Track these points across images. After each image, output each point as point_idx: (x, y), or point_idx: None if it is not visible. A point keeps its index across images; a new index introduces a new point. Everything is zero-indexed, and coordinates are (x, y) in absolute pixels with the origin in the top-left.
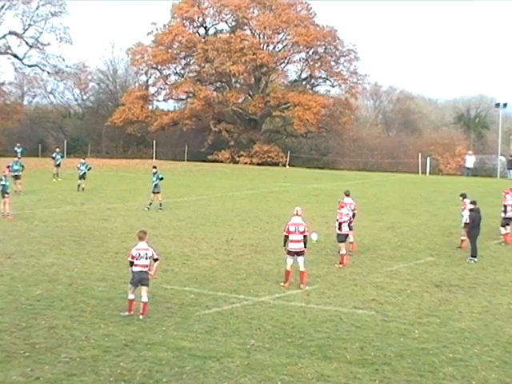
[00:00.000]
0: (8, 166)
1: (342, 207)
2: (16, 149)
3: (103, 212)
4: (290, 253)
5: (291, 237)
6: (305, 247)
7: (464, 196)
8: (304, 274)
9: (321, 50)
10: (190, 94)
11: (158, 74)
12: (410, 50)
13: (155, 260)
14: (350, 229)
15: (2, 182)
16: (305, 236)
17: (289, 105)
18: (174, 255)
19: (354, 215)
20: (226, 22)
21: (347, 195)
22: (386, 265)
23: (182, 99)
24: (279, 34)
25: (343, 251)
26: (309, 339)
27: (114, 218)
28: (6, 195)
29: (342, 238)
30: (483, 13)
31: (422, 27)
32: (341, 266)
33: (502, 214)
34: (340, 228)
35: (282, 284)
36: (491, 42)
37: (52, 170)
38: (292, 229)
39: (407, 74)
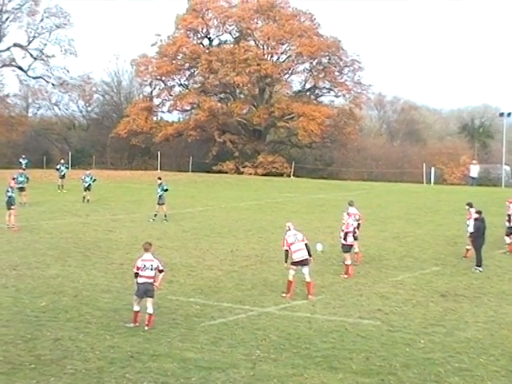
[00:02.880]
0: (13, 178)
1: (350, 216)
2: (21, 160)
3: (108, 223)
4: (295, 263)
5: (293, 247)
6: (309, 255)
7: (470, 205)
8: (311, 284)
9: (325, 60)
10: (195, 105)
11: (163, 85)
12: (414, 59)
13: (160, 271)
14: (355, 239)
15: (9, 194)
16: (306, 244)
17: (293, 115)
18: (179, 266)
19: (358, 225)
20: (230, 33)
21: (351, 205)
22: (392, 275)
23: (187, 110)
24: (283, 44)
25: (348, 261)
26: (314, 350)
27: (118, 230)
28: (12, 207)
29: (347, 249)
30: (487, 22)
31: (425, 37)
32: (346, 276)
33: (507, 224)
34: (345, 238)
35: (284, 295)
36: (495, 52)
37: (57, 182)
38: (291, 239)
39: (411, 84)
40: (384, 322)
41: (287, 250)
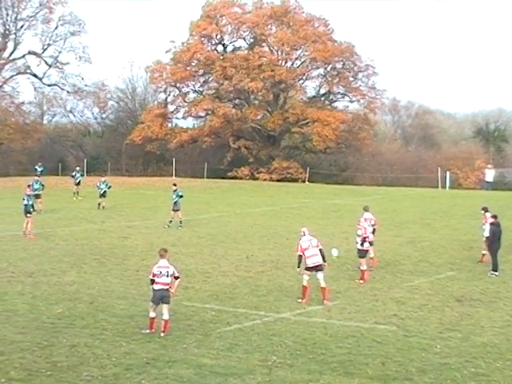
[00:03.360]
0: (29, 185)
1: (365, 222)
2: (37, 167)
3: (123, 230)
4: (309, 269)
5: (307, 253)
6: (324, 261)
7: (486, 210)
8: (326, 289)
9: (339, 65)
10: (209, 112)
11: (177, 91)
12: (429, 64)
13: (176, 278)
14: (371, 244)
15: (25, 202)
16: (320, 249)
17: (308, 121)
18: (194, 272)
19: (374, 231)
20: (244, 39)
21: (366, 210)
22: (407, 280)
23: (201, 116)
24: (297, 50)
25: (364, 267)
26: (330, 355)
27: (134, 236)
28: (28, 215)
29: (363, 254)
30: (501, 27)
31: (441, 41)
32: (361, 281)
33: None
34: (362, 244)
35: (300, 300)
36: (510, 55)
37: (72, 189)
38: (305, 245)
39: (426, 88)
40: (400, 327)
41: (301, 256)
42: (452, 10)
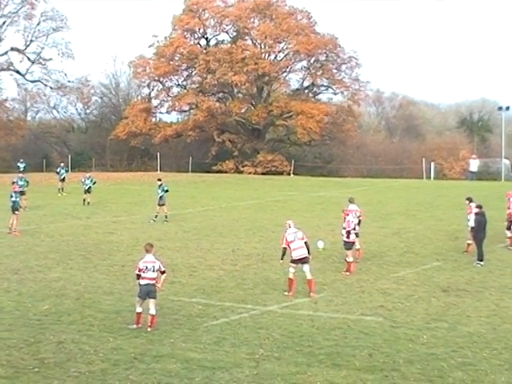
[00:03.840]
0: (13, 182)
1: (347, 215)
2: (19, 164)
3: (109, 225)
4: (294, 261)
5: (292, 245)
6: (308, 253)
7: (470, 200)
8: (312, 281)
9: (322, 57)
10: (193, 106)
11: (161, 86)
12: (412, 55)
13: (162, 272)
14: (357, 236)
15: (13, 199)
16: (306, 242)
17: (292, 113)
18: (180, 267)
19: (359, 222)
20: (227, 33)
21: (351, 202)
22: (393, 271)
23: (185, 111)
24: (280, 43)
25: (350, 258)
26: (317, 347)
27: (119, 232)
28: (16, 212)
29: (349, 246)
30: (485, 16)
31: (423, 32)
32: (348, 273)
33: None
34: (348, 236)
35: (286, 293)
36: (493, 46)
37: (57, 185)
38: (291, 237)
39: (409, 79)
40: (386, 318)
41: (285, 248)
42: (434, 1)
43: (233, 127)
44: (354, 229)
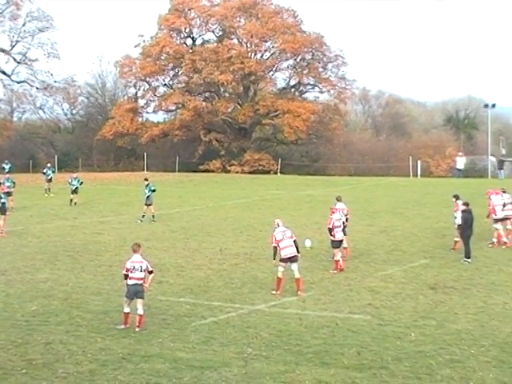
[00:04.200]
0: (0, 183)
1: (333, 213)
2: (4, 165)
3: (96, 226)
4: (283, 260)
5: (282, 244)
6: (297, 252)
7: (457, 197)
8: (300, 280)
9: (308, 56)
10: (180, 105)
11: (147, 86)
12: (398, 53)
13: (150, 272)
14: (344, 234)
15: (3, 200)
16: (294, 241)
17: (278, 112)
18: (168, 267)
19: (346, 220)
20: (213, 32)
21: (339, 200)
22: (381, 269)
23: (172, 110)
24: (266, 42)
25: (337, 257)
26: (306, 346)
27: (107, 232)
28: (6, 213)
29: (336, 244)
30: (471, 15)
31: (409, 30)
32: (335, 271)
33: (493, 216)
34: (333, 234)
35: (274, 292)
36: (479, 44)
37: (43, 186)
38: (280, 236)
39: (396, 77)
40: (374, 316)
41: (276, 247)
42: (421, 0)
43: (219, 126)
44: (342, 226)
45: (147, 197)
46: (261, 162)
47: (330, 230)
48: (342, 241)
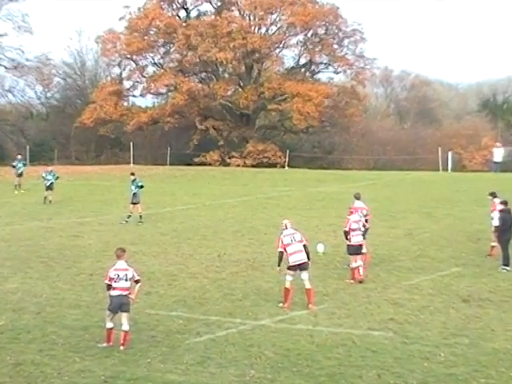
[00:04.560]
0: None
1: (352, 213)
2: None
3: (74, 228)
4: (292, 268)
5: (289, 249)
6: (308, 259)
7: (494, 195)
8: (311, 291)
9: (321, 31)
10: (171, 88)
11: (134, 65)
12: (426, 27)
13: (136, 282)
14: (364, 238)
15: None
16: (304, 245)
17: (286, 96)
18: (158, 275)
19: (366, 221)
20: (211, 3)
21: (357, 198)
22: (405, 278)
23: (162, 94)
24: (272, 14)
25: (354, 264)
26: (317, 367)
27: (87, 235)
28: None
29: (353, 250)
30: None
31: (438, 2)
32: (352, 281)
33: None
34: (349, 238)
35: (281, 305)
36: None
37: (13, 181)
38: (287, 240)
39: (422, 55)
40: (397, 332)
41: (282, 252)
42: None
43: (218, 112)
44: (363, 229)
45: (134, 194)
46: (266, 154)
47: (346, 234)
48: (360, 246)
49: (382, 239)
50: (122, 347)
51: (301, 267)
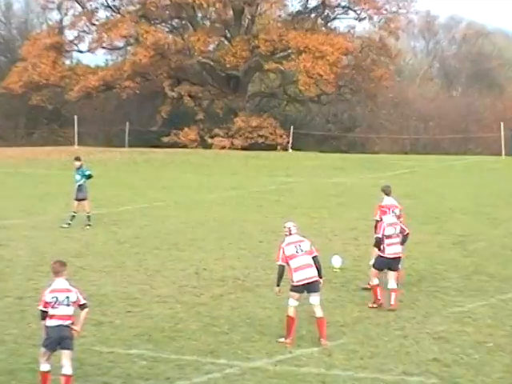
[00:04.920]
0: None
1: (384, 213)
2: None
3: None
4: (297, 289)
5: (294, 263)
6: (319, 276)
7: None
8: (323, 321)
9: None
10: (131, 40)
11: (79, 8)
12: None
13: (82, 307)
14: (402, 243)
15: None
16: (315, 258)
17: (290, 52)
18: (112, 299)
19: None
20: None
21: (387, 194)
22: (454, 303)
23: (119, 48)
24: None
25: (375, 281)
26: None
27: (14, 242)
28: None
29: (385, 264)
30: None
31: None
32: (374, 305)
33: None
34: (382, 248)
35: (283, 340)
36: None
37: None
38: (291, 250)
39: None
40: (444, 379)
41: (283, 267)
42: None
43: (195, 74)
44: (401, 236)
45: (79, 186)
46: (261, 132)
47: (380, 242)
48: (396, 259)
49: (422, 250)
50: None
51: (309, 288)
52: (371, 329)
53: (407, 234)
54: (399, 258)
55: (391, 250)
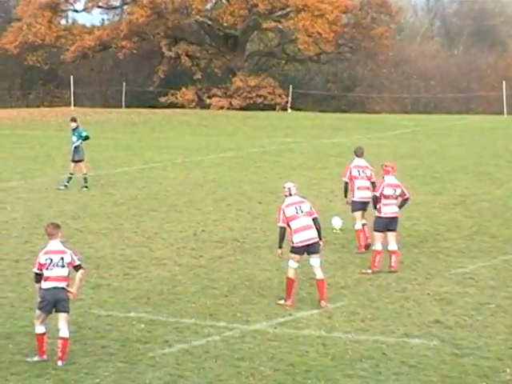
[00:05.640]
0: None
1: (387, 173)
2: None
3: None
4: (297, 250)
5: (294, 224)
6: (319, 238)
7: None
8: (324, 283)
9: None
10: None
11: None
12: None
13: (77, 268)
14: (400, 208)
15: None
16: (315, 219)
17: (289, 10)
18: (110, 261)
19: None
20: None
21: (358, 155)
22: (455, 264)
23: (115, 7)
24: None
25: (378, 246)
26: None
27: (10, 205)
28: None
29: (383, 225)
30: None
31: None
32: (368, 271)
33: None
34: (378, 207)
35: (283, 302)
36: None
37: None
38: (291, 211)
39: None
40: (445, 340)
41: (284, 228)
42: None
43: (193, 33)
44: (407, 199)
45: (75, 148)
46: (260, 92)
47: (376, 200)
48: (393, 219)
49: (423, 210)
50: (59, 362)
51: (310, 249)
52: (372, 291)
53: (407, 198)
54: (396, 217)
55: (388, 209)
